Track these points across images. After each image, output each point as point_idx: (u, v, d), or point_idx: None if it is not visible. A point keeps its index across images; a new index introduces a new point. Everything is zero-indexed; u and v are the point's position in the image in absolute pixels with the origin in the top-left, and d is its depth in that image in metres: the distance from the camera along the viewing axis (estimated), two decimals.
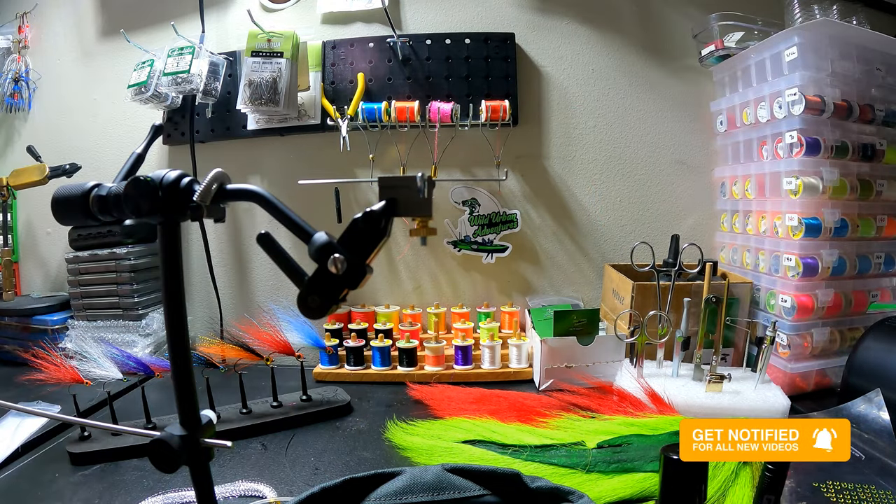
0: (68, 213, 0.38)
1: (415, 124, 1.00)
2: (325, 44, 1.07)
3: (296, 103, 1.04)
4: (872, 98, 0.86)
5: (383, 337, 0.94)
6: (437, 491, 0.41)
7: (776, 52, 0.84)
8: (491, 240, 1.08)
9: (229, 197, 0.35)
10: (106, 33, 1.16)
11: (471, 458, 0.63)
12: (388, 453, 0.68)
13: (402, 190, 0.28)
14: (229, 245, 1.15)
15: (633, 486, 0.57)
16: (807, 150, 0.80)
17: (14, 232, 1.18)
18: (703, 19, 0.99)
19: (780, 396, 0.73)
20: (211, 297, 1.11)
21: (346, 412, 0.80)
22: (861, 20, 0.94)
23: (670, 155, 1.09)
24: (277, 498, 0.57)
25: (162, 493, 0.58)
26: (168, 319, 0.37)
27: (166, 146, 1.14)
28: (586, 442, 0.65)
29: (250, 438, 0.73)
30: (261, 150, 1.12)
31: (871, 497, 0.54)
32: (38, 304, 1.07)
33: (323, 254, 0.29)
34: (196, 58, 1.00)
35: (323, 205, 1.04)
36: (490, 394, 0.82)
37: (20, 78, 1.18)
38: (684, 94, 1.07)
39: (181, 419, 0.37)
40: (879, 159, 0.86)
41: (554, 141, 1.08)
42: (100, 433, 0.71)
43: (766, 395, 0.74)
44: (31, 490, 0.61)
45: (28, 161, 1.09)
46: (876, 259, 0.87)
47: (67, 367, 0.71)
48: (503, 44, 1.05)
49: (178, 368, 0.37)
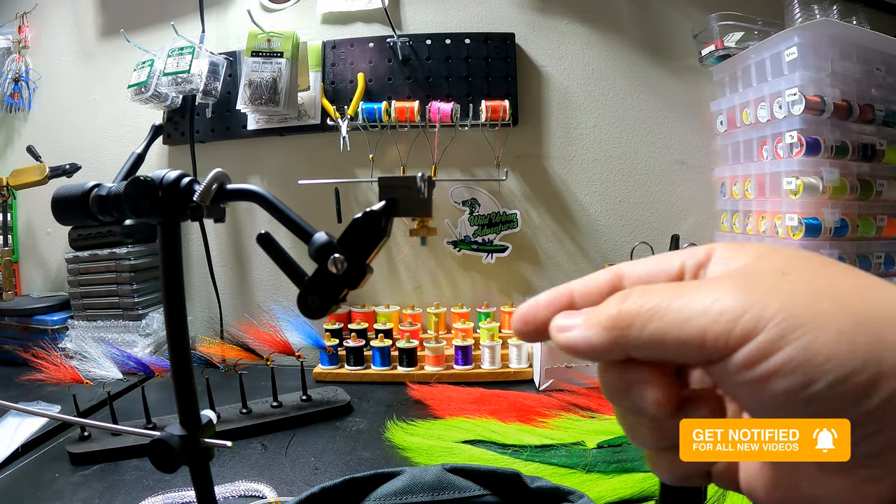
0: (68, 213, 0.38)
1: (415, 124, 1.00)
2: (325, 44, 1.07)
3: (296, 103, 1.04)
4: (872, 98, 0.86)
5: (383, 337, 0.94)
6: (437, 491, 0.41)
7: (776, 52, 0.84)
8: (491, 240, 1.08)
9: (229, 197, 0.35)
10: (106, 33, 1.16)
11: (471, 458, 0.63)
12: (388, 453, 0.68)
13: (402, 190, 0.28)
14: (229, 245, 1.15)
15: (633, 486, 0.57)
16: (807, 150, 0.80)
17: (14, 232, 1.18)
18: (703, 19, 0.99)
19: None
20: (211, 297, 1.11)
21: (346, 412, 0.80)
22: (861, 20, 0.94)
23: (670, 155, 1.08)
24: (277, 498, 0.57)
25: (162, 493, 0.58)
26: (168, 319, 0.37)
27: (166, 146, 1.14)
28: (586, 442, 0.65)
29: (250, 438, 0.73)
30: (261, 150, 1.12)
31: None
32: (38, 304, 1.07)
33: (323, 254, 0.29)
34: (196, 58, 1.00)
35: (323, 205, 1.04)
36: (490, 394, 0.82)
37: (20, 78, 1.18)
38: (684, 94, 1.07)
39: (181, 419, 0.37)
40: (879, 159, 0.86)
41: (554, 141, 1.08)
42: (100, 433, 0.70)
43: None
44: (31, 490, 0.61)
45: (28, 161, 1.09)
46: (876, 259, 0.87)
47: (67, 367, 0.71)
48: (503, 44, 1.05)
49: (178, 368, 0.37)
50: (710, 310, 0.17)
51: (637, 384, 0.19)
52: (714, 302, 0.17)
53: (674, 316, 0.17)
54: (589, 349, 0.19)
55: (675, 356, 0.18)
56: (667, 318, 0.17)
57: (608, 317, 0.19)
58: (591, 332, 0.19)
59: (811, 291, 0.16)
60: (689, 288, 0.18)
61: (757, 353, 0.16)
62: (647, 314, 0.18)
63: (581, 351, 0.19)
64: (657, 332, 0.18)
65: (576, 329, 0.20)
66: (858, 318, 0.16)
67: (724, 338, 0.16)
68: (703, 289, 0.18)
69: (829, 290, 0.17)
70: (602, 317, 0.19)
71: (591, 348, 0.19)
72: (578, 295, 0.22)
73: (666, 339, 0.17)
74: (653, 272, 0.21)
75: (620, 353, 0.19)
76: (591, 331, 0.19)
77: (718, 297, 0.17)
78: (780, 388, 0.16)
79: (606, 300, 0.19)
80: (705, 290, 0.17)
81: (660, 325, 0.17)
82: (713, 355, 0.17)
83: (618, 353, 0.19)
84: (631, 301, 0.18)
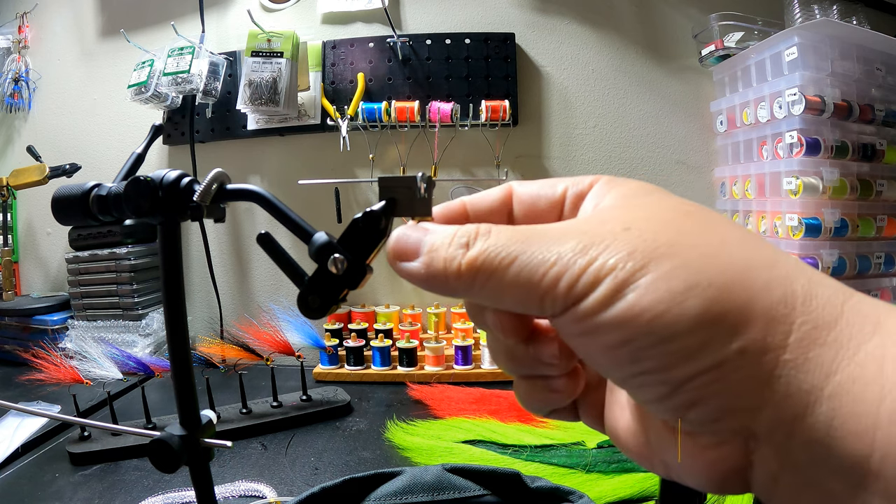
0: (68, 213, 0.38)
1: (415, 124, 1.00)
2: (325, 44, 1.07)
3: (296, 103, 1.04)
4: (872, 98, 0.86)
5: (383, 337, 0.94)
6: (437, 491, 0.41)
7: (776, 52, 0.84)
8: None
9: (229, 197, 0.35)
10: (106, 33, 1.16)
11: (471, 458, 0.63)
12: (388, 453, 0.68)
13: (401, 190, 0.27)
14: (229, 245, 1.15)
15: (633, 486, 0.57)
16: (807, 150, 0.80)
17: (14, 232, 1.18)
18: (703, 19, 0.99)
19: None
20: (211, 297, 1.11)
21: (346, 412, 0.80)
22: (861, 20, 0.94)
23: (670, 155, 1.08)
24: (277, 498, 0.57)
25: (162, 493, 0.58)
26: (168, 319, 0.37)
27: (166, 146, 1.14)
28: (586, 442, 0.65)
29: (250, 438, 0.73)
30: (261, 150, 1.12)
31: None
32: (38, 304, 1.06)
33: (323, 254, 0.29)
34: (196, 58, 1.00)
35: (323, 205, 1.04)
36: (490, 394, 0.82)
37: (20, 78, 1.18)
38: (684, 94, 1.07)
39: (181, 419, 0.37)
40: (879, 159, 0.86)
41: (554, 141, 1.08)
42: (100, 433, 0.70)
43: None
44: (31, 490, 0.61)
45: (28, 161, 1.09)
46: (876, 259, 0.87)
47: (67, 367, 0.71)
48: (503, 44, 1.05)
49: (178, 368, 0.37)
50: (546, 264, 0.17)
51: (487, 311, 0.20)
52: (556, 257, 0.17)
53: (517, 270, 0.17)
54: (425, 286, 0.19)
55: (515, 308, 0.18)
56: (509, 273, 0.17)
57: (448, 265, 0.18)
58: (430, 270, 0.19)
59: (650, 248, 0.16)
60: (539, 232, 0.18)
61: (587, 311, 0.16)
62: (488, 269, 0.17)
63: (418, 284, 0.19)
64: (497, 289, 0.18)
65: (416, 263, 0.19)
66: (695, 280, 0.15)
67: (559, 297, 0.16)
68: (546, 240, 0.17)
69: (670, 247, 0.16)
70: (443, 262, 0.18)
71: (427, 286, 0.19)
72: (471, 209, 0.23)
73: (504, 297, 0.18)
74: (538, 194, 0.22)
75: (460, 297, 0.19)
76: (429, 270, 0.19)
77: (559, 251, 0.17)
78: (607, 342, 0.16)
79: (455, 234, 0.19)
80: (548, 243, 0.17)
81: (499, 281, 0.17)
82: (548, 312, 0.17)
83: (458, 297, 0.19)
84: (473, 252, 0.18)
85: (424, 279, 0.19)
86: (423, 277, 0.19)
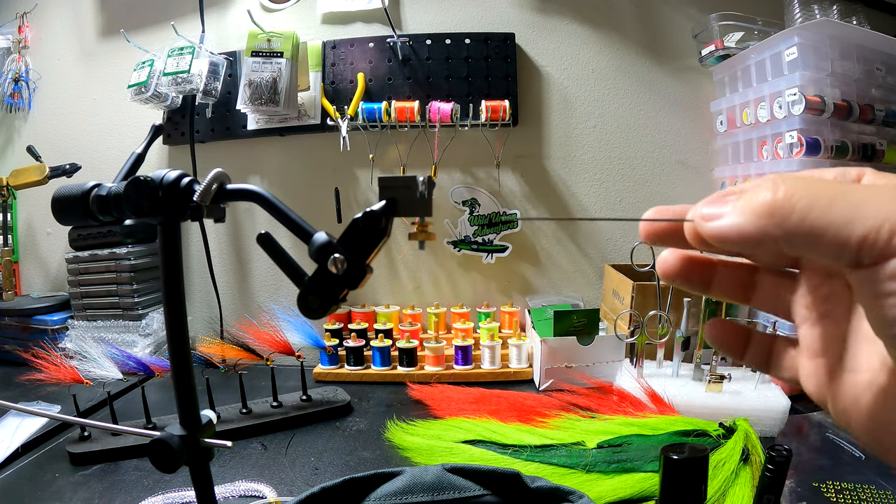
0: (68, 213, 0.38)
1: (415, 124, 1.00)
2: (325, 44, 1.07)
3: (296, 103, 1.04)
4: (872, 98, 0.86)
5: (383, 337, 0.94)
6: (437, 491, 0.41)
7: (776, 52, 0.84)
8: (491, 240, 1.08)
9: (229, 197, 0.35)
10: (106, 33, 1.16)
11: (471, 458, 0.63)
12: (388, 453, 0.68)
13: (402, 190, 0.28)
14: (229, 245, 1.15)
15: (633, 486, 0.57)
16: (807, 150, 0.80)
17: (14, 232, 1.18)
18: (703, 19, 0.99)
19: (779, 396, 0.73)
20: (211, 297, 1.11)
21: (346, 412, 0.80)
22: (861, 20, 0.94)
23: (670, 155, 1.08)
24: (277, 498, 0.57)
25: (162, 493, 0.58)
26: (168, 319, 0.37)
27: (166, 146, 1.14)
28: (586, 442, 0.65)
29: (250, 438, 0.73)
30: (261, 150, 1.12)
31: (871, 497, 0.54)
32: (38, 304, 1.07)
33: (323, 254, 0.29)
34: (196, 58, 1.00)
35: (323, 205, 1.04)
36: (490, 394, 0.82)
37: (20, 78, 1.18)
38: (684, 94, 1.07)
39: (181, 419, 0.37)
40: (879, 159, 0.86)
41: (554, 141, 1.08)
42: (100, 433, 0.71)
43: (767, 395, 0.74)
44: (31, 490, 0.61)
45: (28, 161, 1.09)
46: None
47: (67, 367, 0.71)
48: (503, 44, 1.05)
49: (178, 368, 0.37)
50: (878, 212, 0.15)
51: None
52: (883, 204, 0.15)
53: (839, 211, 0.16)
54: (739, 238, 0.18)
55: (826, 254, 0.16)
56: (832, 211, 0.16)
57: (763, 203, 0.17)
58: (743, 218, 0.18)
59: None
60: (852, 187, 0.17)
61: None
62: (807, 204, 0.16)
63: (730, 240, 0.18)
64: (817, 224, 0.16)
65: (725, 217, 0.18)
66: None
67: (884, 243, 0.15)
68: (868, 191, 0.16)
69: None
70: (756, 203, 0.17)
71: (741, 237, 0.18)
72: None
73: (825, 234, 0.16)
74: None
75: (770, 244, 0.17)
76: (743, 217, 0.18)
77: (888, 201, 0.16)
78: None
79: (753, 186, 0.18)
80: (872, 193, 0.16)
81: (820, 216, 0.16)
82: (866, 259, 0.16)
83: (768, 244, 0.17)
84: (787, 187, 0.17)
85: (740, 212, 0.18)
86: (739, 211, 0.18)
